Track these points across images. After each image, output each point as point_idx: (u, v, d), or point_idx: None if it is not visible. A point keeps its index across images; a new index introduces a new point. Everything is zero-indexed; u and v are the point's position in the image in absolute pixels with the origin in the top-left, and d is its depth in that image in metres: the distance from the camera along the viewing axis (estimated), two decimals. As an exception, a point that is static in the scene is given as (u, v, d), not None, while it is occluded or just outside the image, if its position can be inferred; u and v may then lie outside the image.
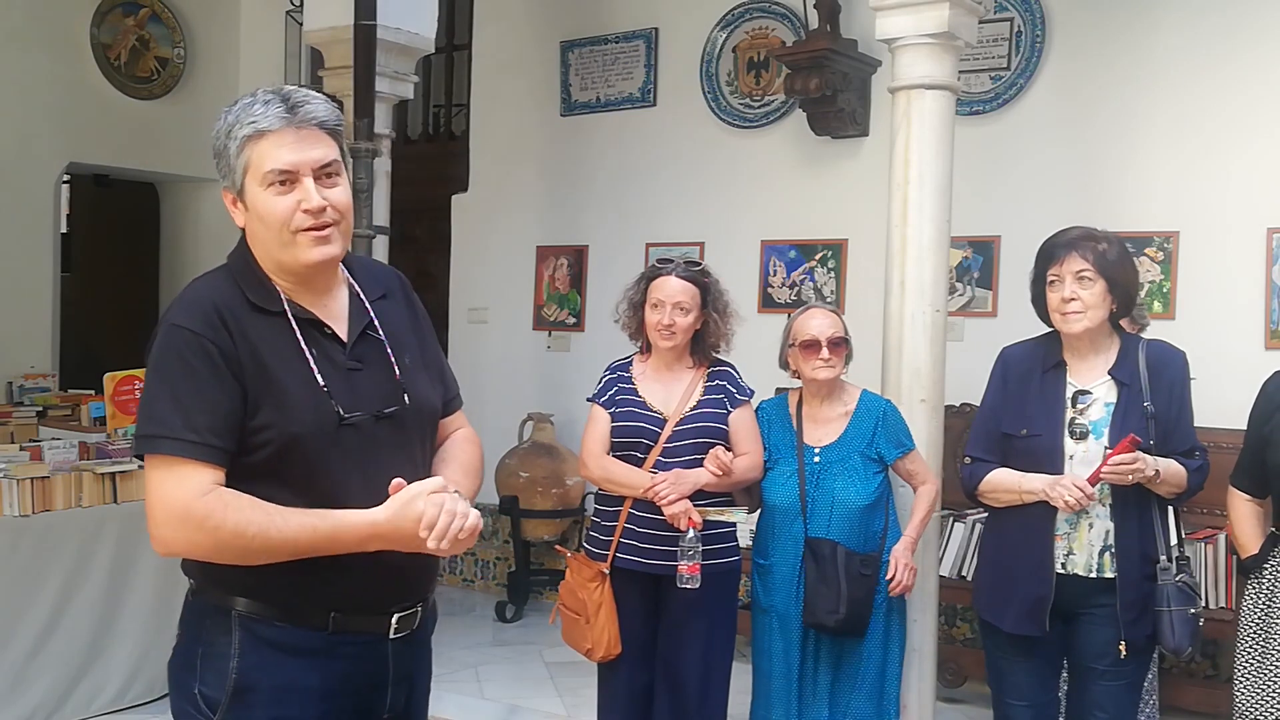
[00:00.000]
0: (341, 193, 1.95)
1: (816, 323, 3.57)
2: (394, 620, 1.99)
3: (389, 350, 2.04)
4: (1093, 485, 2.96)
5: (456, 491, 1.91)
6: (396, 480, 1.87)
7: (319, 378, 1.92)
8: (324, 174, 1.93)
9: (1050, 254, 3.10)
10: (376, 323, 2.04)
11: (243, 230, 2.00)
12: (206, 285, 1.96)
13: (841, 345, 3.57)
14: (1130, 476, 2.93)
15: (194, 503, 1.80)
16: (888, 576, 3.49)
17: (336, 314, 2.02)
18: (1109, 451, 2.95)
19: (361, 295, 2.06)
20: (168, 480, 1.82)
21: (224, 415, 1.84)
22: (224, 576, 1.90)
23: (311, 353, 1.94)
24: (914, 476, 3.65)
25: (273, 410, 1.87)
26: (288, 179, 1.89)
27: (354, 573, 1.91)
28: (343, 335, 2.00)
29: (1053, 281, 3.07)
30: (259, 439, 1.86)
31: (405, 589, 2.01)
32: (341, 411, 1.92)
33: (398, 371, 2.03)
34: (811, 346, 3.54)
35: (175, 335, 1.87)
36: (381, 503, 1.90)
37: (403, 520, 1.85)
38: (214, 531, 1.80)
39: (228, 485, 1.85)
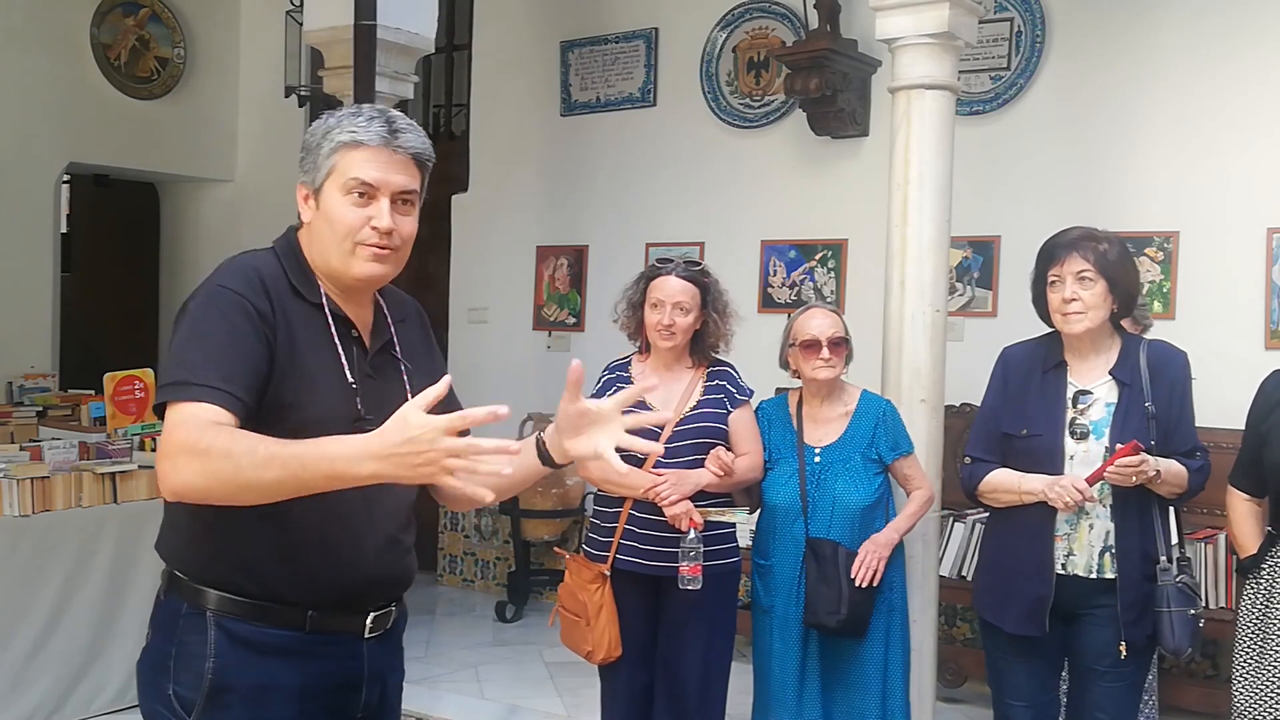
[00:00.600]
0: (411, 223, 1.99)
1: (817, 323, 3.57)
2: (369, 620, 2.01)
3: (404, 371, 2.08)
4: (1091, 485, 2.96)
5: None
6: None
7: (348, 373, 1.96)
8: (401, 200, 1.96)
9: (1051, 254, 3.10)
10: (396, 343, 2.09)
11: (295, 225, 2.04)
12: (254, 258, 1.99)
13: (842, 345, 3.56)
14: (1134, 478, 2.93)
15: (193, 432, 1.75)
16: (854, 563, 3.44)
17: (364, 324, 2.06)
18: (1115, 452, 2.94)
19: (387, 315, 2.11)
20: (180, 415, 1.78)
21: (252, 371, 1.84)
22: (199, 560, 1.91)
23: (344, 348, 1.98)
24: (909, 481, 3.63)
25: (296, 392, 1.89)
26: (367, 193, 1.93)
27: (331, 571, 1.92)
28: (366, 343, 2.04)
29: (1053, 282, 3.07)
30: (277, 416, 1.87)
31: (381, 589, 2.02)
32: (362, 410, 1.95)
33: (410, 395, 2.04)
34: (812, 346, 3.54)
35: (218, 294, 1.89)
36: (371, 509, 1.93)
37: (396, 433, 1.64)
38: (205, 454, 1.71)
39: None
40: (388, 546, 2.02)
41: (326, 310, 1.98)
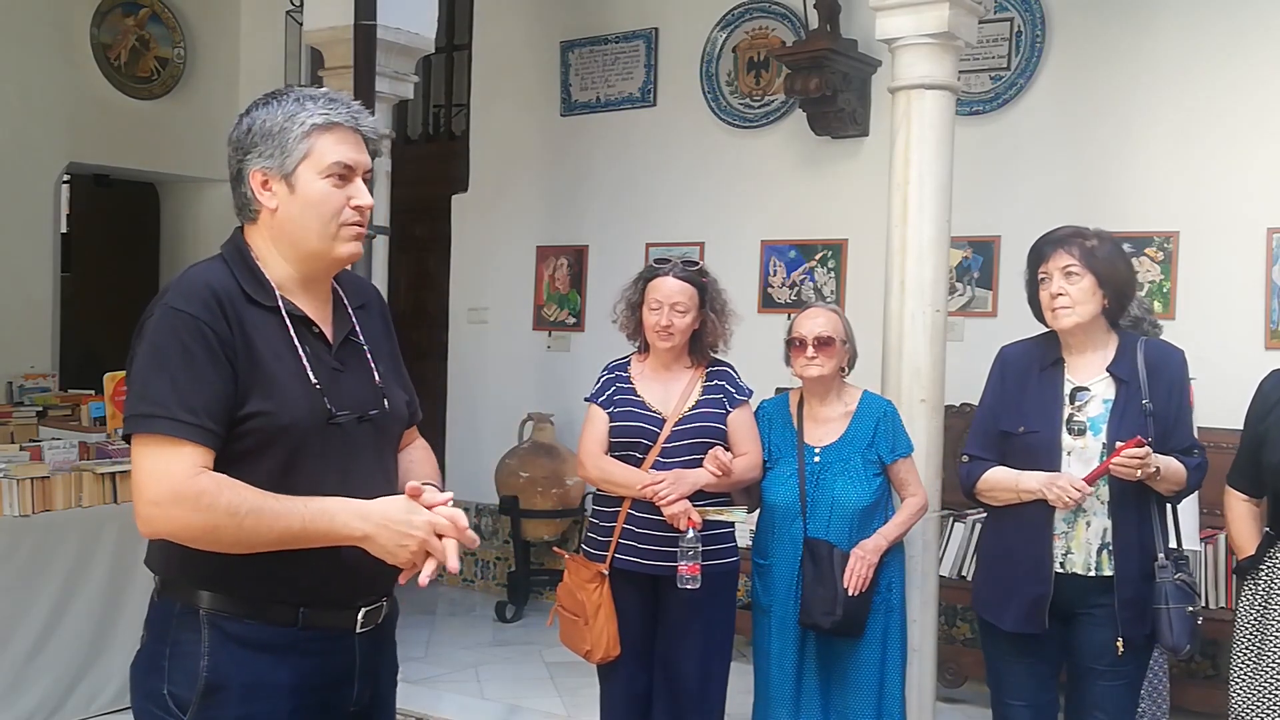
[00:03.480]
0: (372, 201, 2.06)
1: (809, 323, 3.58)
2: (360, 615, 2.01)
3: (369, 356, 2.09)
4: (1091, 484, 2.96)
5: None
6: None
7: (311, 374, 1.96)
8: (366, 180, 2.03)
9: (1040, 252, 3.13)
10: (358, 329, 2.10)
11: (239, 227, 2.04)
12: (205, 272, 1.98)
13: (830, 345, 3.55)
14: (1139, 472, 2.92)
15: (185, 482, 1.81)
16: (844, 572, 3.43)
17: (324, 316, 2.06)
18: (1114, 450, 2.94)
19: (345, 302, 2.11)
20: (159, 458, 1.82)
21: (218, 399, 1.86)
22: (190, 569, 1.91)
23: (304, 349, 1.97)
24: (905, 486, 3.62)
25: (263, 400, 1.89)
26: (347, 174, 1.98)
27: (320, 567, 1.93)
28: (329, 336, 2.04)
29: (1043, 279, 3.09)
30: (246, 427, 1.88)
31: (370, 583, 2.03)
32: (332, 409, 1.95)
33: (377, 377, 2.08)
34: (799, 346, 3.55)
35: (173, 318, 1.88)
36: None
37: (396, 519, 1.87)
38: (208, 510, 1.80)
39: None
40: None
41: (283, 312, 1.97)
